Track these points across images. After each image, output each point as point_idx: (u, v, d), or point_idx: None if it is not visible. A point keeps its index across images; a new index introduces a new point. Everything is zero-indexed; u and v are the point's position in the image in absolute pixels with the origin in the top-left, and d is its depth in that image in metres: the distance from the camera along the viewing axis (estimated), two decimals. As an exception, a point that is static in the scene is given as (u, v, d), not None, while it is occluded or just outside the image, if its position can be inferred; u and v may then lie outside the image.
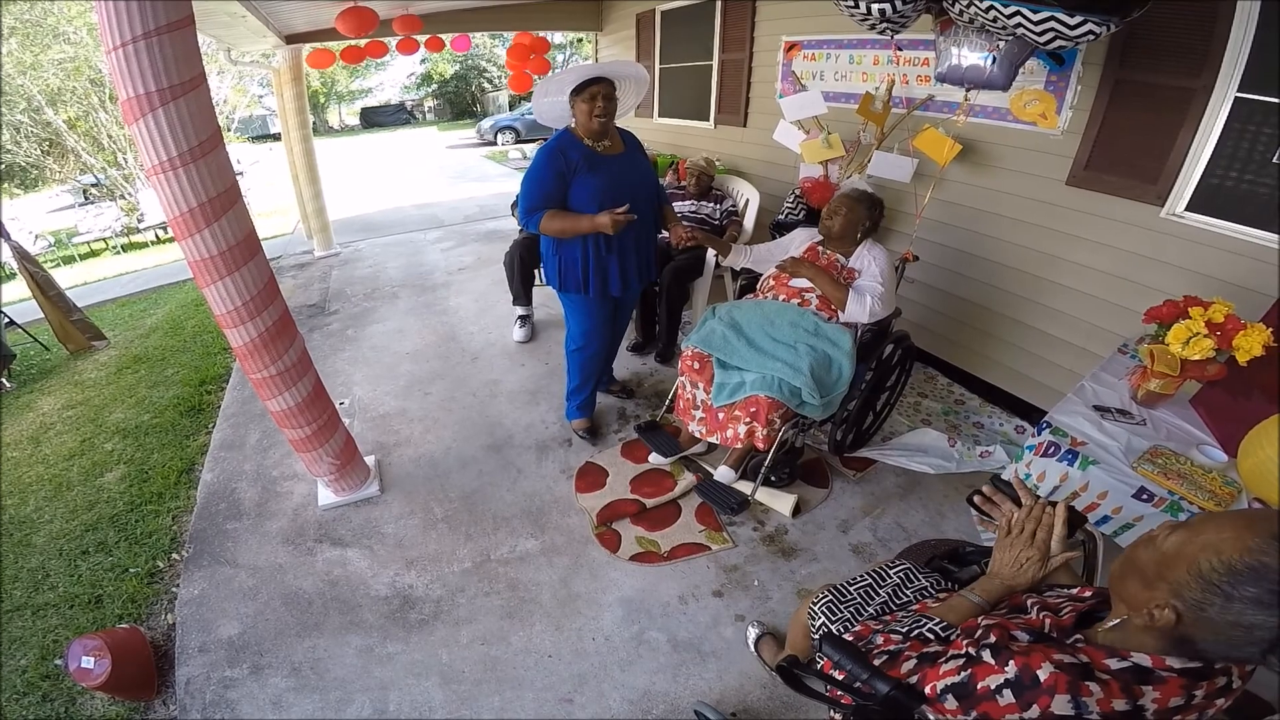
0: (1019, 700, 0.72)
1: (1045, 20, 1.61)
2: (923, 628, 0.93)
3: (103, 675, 1.63)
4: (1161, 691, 0.69)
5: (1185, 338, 1.57)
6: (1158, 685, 0.69)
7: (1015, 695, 0.72)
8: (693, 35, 4.56)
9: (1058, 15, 1.57)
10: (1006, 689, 0.73)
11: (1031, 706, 0.71)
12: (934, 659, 0.83)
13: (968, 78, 2.06)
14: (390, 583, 2.04)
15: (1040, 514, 0.96)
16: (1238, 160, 1.96)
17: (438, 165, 12.66)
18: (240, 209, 1.75)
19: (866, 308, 2.16)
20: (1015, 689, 0.72)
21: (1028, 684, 0.72)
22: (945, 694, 0.78)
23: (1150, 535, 0.77)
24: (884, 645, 0.92)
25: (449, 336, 3.80)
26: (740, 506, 2.21)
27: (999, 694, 0.73)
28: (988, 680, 0.75)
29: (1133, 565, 0.76)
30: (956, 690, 0.77)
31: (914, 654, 0.87)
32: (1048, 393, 2.60)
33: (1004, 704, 0.73)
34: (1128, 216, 2.24)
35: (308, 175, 5.59)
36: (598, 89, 2.03)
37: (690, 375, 2.25)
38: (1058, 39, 1.65)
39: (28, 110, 9.48)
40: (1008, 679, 0.73)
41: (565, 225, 2.12)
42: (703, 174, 3.44)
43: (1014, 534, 0.97)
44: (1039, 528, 0.95)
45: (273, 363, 1.95)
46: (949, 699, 0.77)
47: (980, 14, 1.70)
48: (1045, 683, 0.71)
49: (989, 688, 0.74)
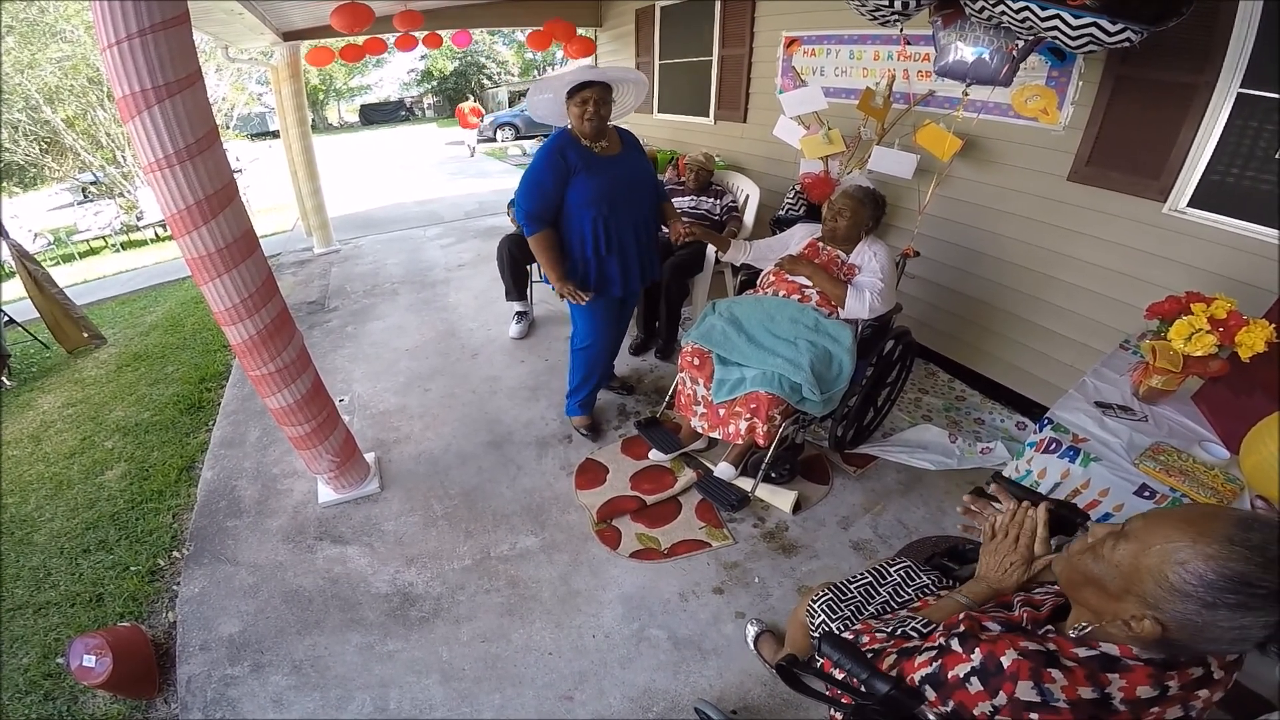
0: (986, 687, 0.73)
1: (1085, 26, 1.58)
2: (906, 626, 0.95)
3: (104, 673, 1.64)
4: (1129, 680, 0.70)
5: (1187, 334, 1.56)
6: (1124, 674, 0.70)
7: (982, 682, 0.74)
8: (692, 31, 4.54)
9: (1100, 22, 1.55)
10: (974, 676, 0.75)
11: (998, 693, 0.72)
12: (911, 653, 0.85)
13: (969, 72, 2.04)
14: (390, 580, 2.05)
15: (1023, 518, 0.97)
16: (1240, 156, 1.95)
17: (436, 161, 12.64)
18: (238, 206, 1.74)
19: (866, 304, 2.15)
20: (981, 676, 0.74)
21: (992, 670, 0.74)
22: (924, 684, 0.80)
23: (1090, 544, 0.78)
24: (869, 644, 0.93)
25: (449, 333, 3.80)
26: (741, 503, 2.20)
27: (968, 682, 0.75)
28: (956, 669, 0.77)
29: (1083, 575, 0.77)
30: (931, 680, 0.79)
31: (894, 650, 0.88)
32: (1049, 389, 2.59)
33: (974, 691, 0.74)
34: (1130, 212, 2.23)
35: (306, 172, 5.59)
36: (590, 94, 2.02)
37: (690, 371, 2.25)
38: (1091, 43, 1.62)
39: (26, 109, 9.45)
40: (973, 666, 0.75)
41: (543, 258, 2.19)
42: (702, 170, 3.44)
43: (998, 538, 0.98)
44: (1021, 533, 0.96)
45: (271, 360, 1.95)
46: (927, 689, 0.79)
47: (1011, 16, 1.67)
48: (1008, 669, 0.73)
49: (958, 676, 0.76)
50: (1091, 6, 1.54)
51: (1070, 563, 0.80)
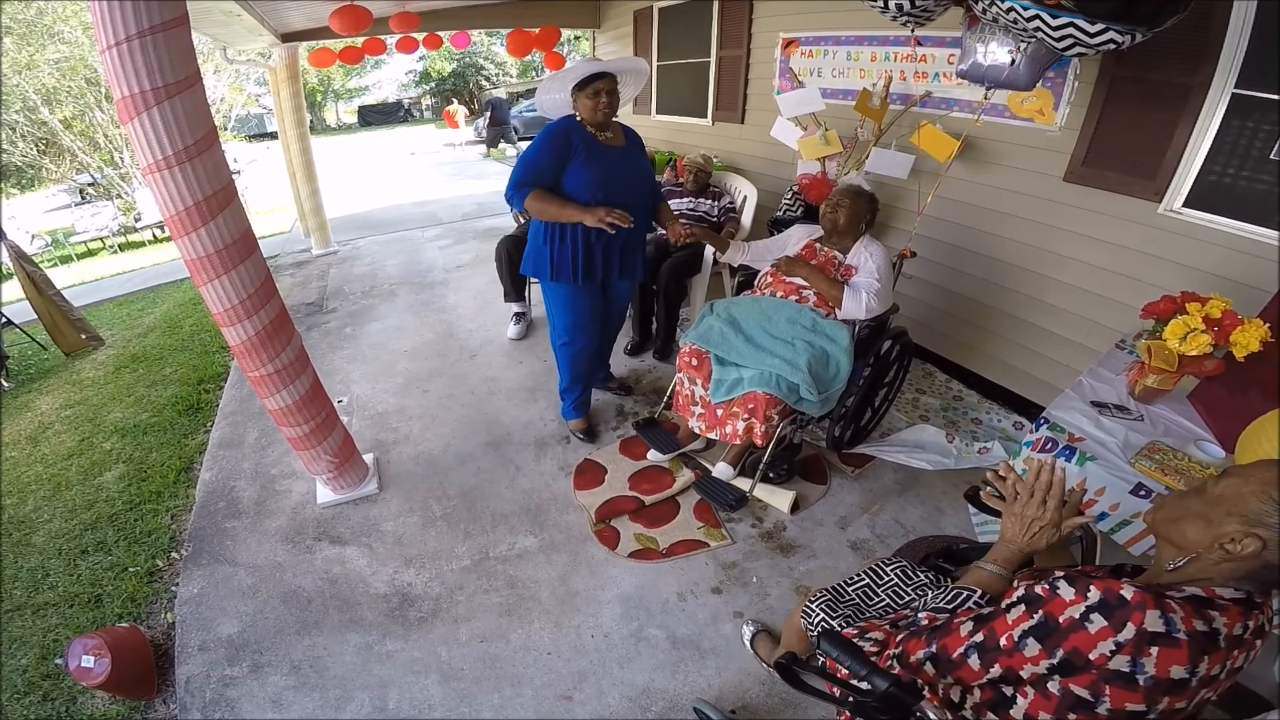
0: (1111, 621, 0.72)
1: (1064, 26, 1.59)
2: (966, 600, 0.95)
3: (103, 674, 1.64)
4: (1228, 617, 0.73)
5: (1183, 333, 1.57)
6: (1222, 612, 0.73)
7: (1105, 617, 0.73)
8: (690, 32, 4.55)
9: (1077, 22, 1.55)
10: (1094, 613, 0.74)
11: (1125, 625, 0.71)
12: (994, 615, 0.84)
13: (988, 76, 2.01)
14: (389, 580, 2.05)
15: (1047, 477, 0.97)
16: (1235, 156, 1.96)
17: (434, 162, 12.65)
18: (236, 207, 1.74)
19: (863, 304, 2.16)
20: (1104, 610, 0.73)
21: (1114, 603, 0.73)
22: (1024, 639, 0.78)
23: (1193, 487, 0.84)
24: (931, 621, 0.93)
25: (447, 334, 3.80)
26: (739, 503, 2.21)
27: (1087, 621, 0.74)
28: (1070, 610, 0.75)
29: (1186, 511, 0.82)
30: (1036, 632, 0.77)
31: (966, 618, 0.88)
32: (1045, 389, 2.60)
33: (1095, 630, 0.73)
34: (1125, 212, 2.24)
35: (305, 173, 5.59)
36: (601, 84, 2.05)
37: (688, 372, 2.25)
38: (1077, 46, 1.61)
39: (23, 110, 9.44)
40: (1090, 604, 0.74)
41: (553, 209, 2.10)
42: (700, 171, 3.44)
43: (1022, 499, 0.98)
44: (1048, 494, 0.96)
45: (270, 360, 1.95)
46: (1028, 644, 0.78)
47: (1001, 14, 1.68)
48: (1133, 600, 0.72)
49: (1073, 618, 0.75)
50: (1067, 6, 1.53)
51: (1174, 502, 0.85)
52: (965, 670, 0.84)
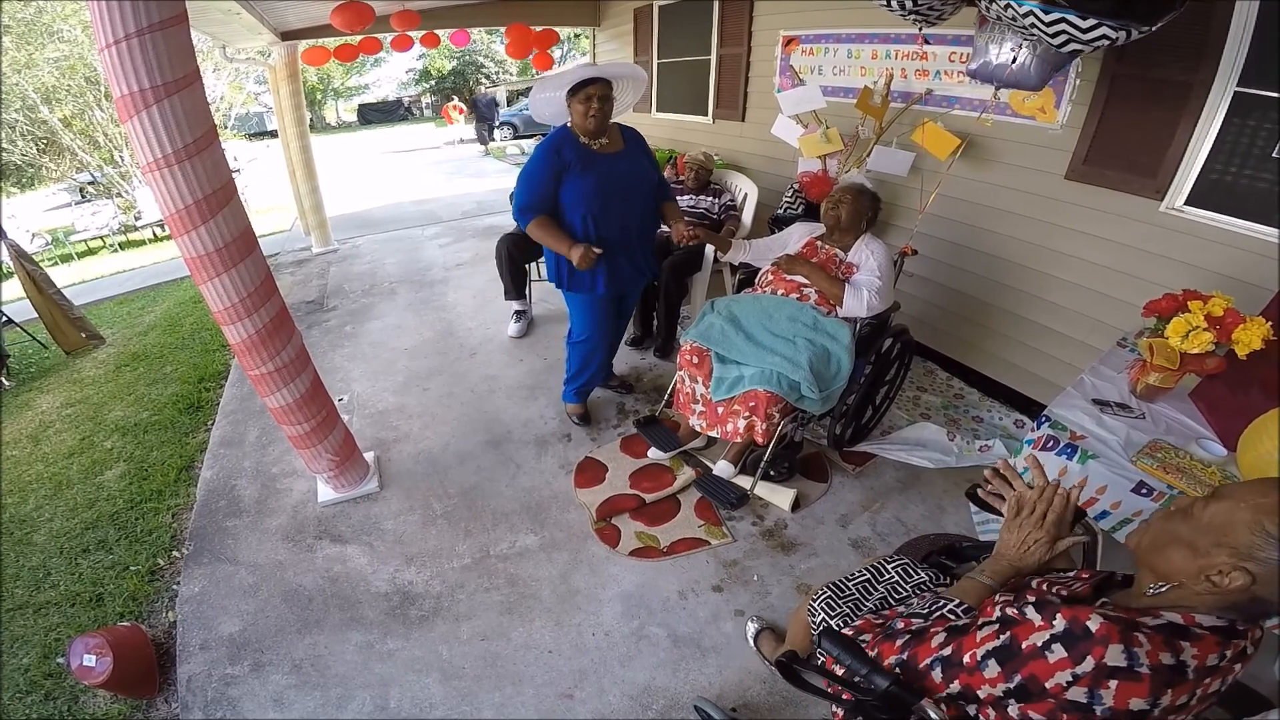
0: (1071, 653, 0.71)
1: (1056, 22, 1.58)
2: (943, 609, 0.93)
3: (104, 673, 1.64)
4: (1199, 648, 0.70)
5: (1184, 331, 1.56)
6: (1195, 642, 0.70)
7: (1067, 648, 0.71)
8: (691, 30, 4.54)
9: (1069, 17, 1.54)
10: (1056, 643, 0.72)
11: (1085, 659, 0.70)
12: (965, 630, 0.83)
13: (998, 76, 2.00)
14: (390, 579, 2.05)
15: (1052, 496, 0.96)
16: (1237, 155, 1.96)
17: (434, 161, 12.64)
18: (236, 205, 1.74)
19: (864, 302, 2.15)
20: (1066, 641, 0.72)
21: (1079, 634, 0.71)
22: (986, 660, 0.77)
23: (1179, 509, 0.79)
24: (906, 626, 0.92)
25: (447, 332, 3.80)
26: (739, 501, 2.21)
27: (1048, 650, 0.72)
28: (1033, 638, 0.74)
29: (1171, 537, 0.78)
30: (999, 654, 0.76)
31: (940, 629, 0.87)
32: (1047, 387, 2.60)
33: (1054, 660, 0.72)
34: (1127, 211, 2.23)
35: (305, 172, 5.58)
36: (593, 90, 2.03)
37: (689, 370, 2.25)
38: (1071, 42, 1.60)
39: (23, 109, 9.43)
40: (1055, 633, 0.73)
41: (550, 241, 2.17)
42: (701, 168, 3.44)
43: (1024, 514, 0.97)
44: (1049, 510, 0.95)
45: (270, 359, 1.95)
46: (989, 665, 0.77)
47: (1000, 11, 1.67)
48: (1097, 633, 0.70)
49: (1035, 645, 0.74)
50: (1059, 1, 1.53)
51: (1158, 527, 0.81)
52: (929, 681, 0.84)
